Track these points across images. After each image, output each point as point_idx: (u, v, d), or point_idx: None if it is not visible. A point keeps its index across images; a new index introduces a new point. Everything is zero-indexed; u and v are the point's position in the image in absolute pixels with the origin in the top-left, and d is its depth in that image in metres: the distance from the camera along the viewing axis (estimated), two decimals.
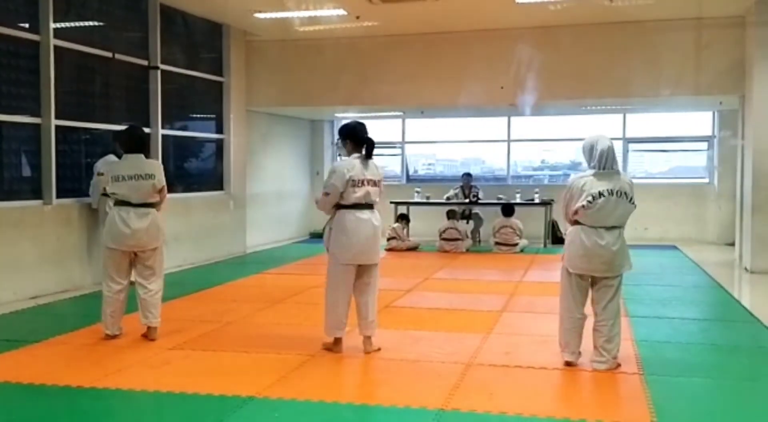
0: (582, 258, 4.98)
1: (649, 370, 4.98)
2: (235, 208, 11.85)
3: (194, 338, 5.92)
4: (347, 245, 5.33)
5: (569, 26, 11.21)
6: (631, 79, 11.21)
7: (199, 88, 11.29)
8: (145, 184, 5.77)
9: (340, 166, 5.36)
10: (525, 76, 11.25)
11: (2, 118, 7.67)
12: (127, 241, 5.72)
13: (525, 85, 11.31)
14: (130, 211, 5.73)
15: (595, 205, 4.91)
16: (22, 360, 5.30)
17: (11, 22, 7.79)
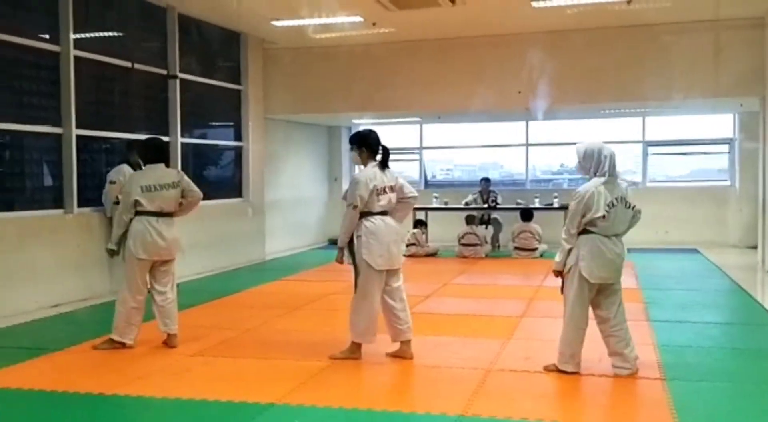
0: (603, 267, 4.93)
1: (670, 375, 4.93)
2: (254, 214, 11.90)
3: (214, 345, 5.94)
4: (379, 251, 5.34)
5: (585, 30, 11.17)
6: (648, 82, 11.15)
7: (217, 97, 11.36)
8: (173, 193, 5.84)
9: (362, 176, 5.38)
10: (540, 81, 11.22)
11: (24, 128, 7.76)
12: (160, 251, 5.78)
13: (540, 90, 11.28)
14: (160, 220, 5.77)
15: (611, 214, 4.89)
16: (44, 368, 5.34)
17: (32, 34, 7.88)
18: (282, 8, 9.80)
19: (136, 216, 5.74)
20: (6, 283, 7.23)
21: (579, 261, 4.94)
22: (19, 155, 7.91)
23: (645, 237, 13.15)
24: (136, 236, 5.72)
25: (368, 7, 9.70)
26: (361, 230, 5.39)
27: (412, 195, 5.61)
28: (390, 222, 5.44)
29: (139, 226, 5.72)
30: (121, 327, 5.78)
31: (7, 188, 7.70)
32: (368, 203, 5.35)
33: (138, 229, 5.72)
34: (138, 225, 5.72)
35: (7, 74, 7.68)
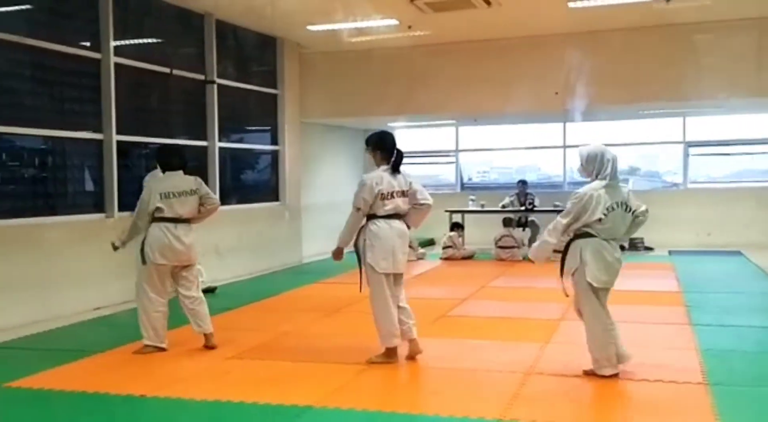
0: (605, 271, 4.89)
1: (713, 380, 4.83)
2: (291, 218, 11.96)
3: (252, 348, 5.98)
4: (383, 254, 5.33)
5: (623, 30, 11.03)
6: (688, 82, 10.97)
7: (253, 101, 11.45)
8: (191, 200, 5.92)
9: (371, 179, 5.35)
10: (578, 82, 11.10)
11: (66, 134, 7.91)
12: (180, 256, 5.83)
13: (578, 91, 11.15)
14: (178, 226, 5.83)
15: (609, 218, 4.85)
16: (86, 370, 5.43)
17: (73, 42, 8.03)
18: (317, 13, 9.84)
19: (155, 222, 5.79)
20: (49, 287, 7.37)
21: (583, 266, 4.87)
22: (61, 161, 8.06)
23: (686, 239, 12.96)
24: (154, 242, 5.76)
25: (403, 10, 9.70)
26: (366, 233, 5.37)
27: (426, 201, 5.50)
28: (397, 226, 5.40)
29: (157, 232, 5.77)
30: (151, 334, 5.85)
31: (50, 193, 7.85)
32: (373, 206, 5.33)
33: (156, 235, 5.77)
34: (156, 231, 5.78)
35: (49, 82, 7.83)
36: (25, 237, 7.22)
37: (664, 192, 14.41)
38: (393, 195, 5.36)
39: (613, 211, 4.87)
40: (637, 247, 12.79)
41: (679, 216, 13.20)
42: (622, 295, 8.29)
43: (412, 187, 5.47)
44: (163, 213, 5.79)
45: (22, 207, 7.46)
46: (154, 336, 5.85)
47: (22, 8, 7.70)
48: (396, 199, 5.38)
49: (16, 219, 7.24)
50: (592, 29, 11.03)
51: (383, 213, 5.35)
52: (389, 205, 5.35)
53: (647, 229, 12.11)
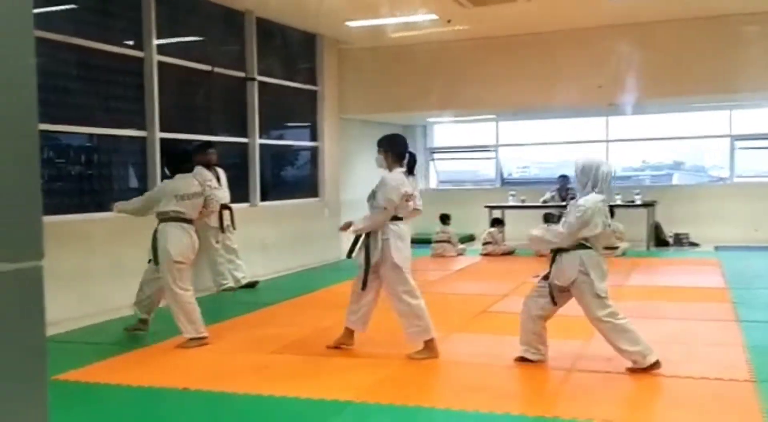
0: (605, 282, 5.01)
1: (760, 377, 4.73)
2: (330, 214, 12.01)
3: (292, 342, 6.02)
4: (407, 253, 5.52)
5: (667, 22, 10.82)
6: (737, 74, 10.71)
7: (293, 98, 11.52)
8: (200, 201, 6.17)
9: (395, 180, 5.43)
10: (622, 75, 10.92)
11: (111, 131, 8.05)
12: (191, 256, 6.11)
13: (622, 84, 10.97)
14: (191, 227, 6.08)
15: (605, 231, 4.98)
16: (130, 363, 5.53)
17: (118, 41, 8.16)
18: (356, 9, 9.86)
19: (173, 221, 5.97)
20: (95, 281, 7.51)
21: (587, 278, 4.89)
22: (106, 158, 8.20)
23: (733, 234, 12.69)
24: (177, 242, 5.94)
25: (443, 4, 9.65)
26: (388, 233, 5.44)
27: (420, 208, 5.71)
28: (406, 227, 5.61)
29: (179, 232, 5.97)
30: (189, 328, 5.97)
31: (96, 190, 7.99)
32: (397, 208, 5.43)
33: (178, 235, 5.95)
34: (178, 231, 5.97)
35: (94, 80, 7.97)
36: (72, 232, 7.36)
37: (709, 186, 14.13)
38: (410, 197, 5.52)
39: (608, 226, 5.04)
40: (682, 243, 12.59)
41: (725, 212, 12.94)
42: (667, 291, 8.20)
43: (414, 193, 5.61)
44: (184, 214, 6.00)
45: (69, 203, 7.61)
46: (193, 329, 5.96)
47: (67, 8, 7.84)
48: (410, 202, 5.55)
49: (63, 215, 7.39)
50: (636, 21, 10.84)
51: (404, 213, 5.50)
52: (410, 206, 5.51)
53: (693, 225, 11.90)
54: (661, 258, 11.42)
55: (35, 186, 1.24)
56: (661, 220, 12.80)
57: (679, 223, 12.79)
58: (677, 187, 14.24)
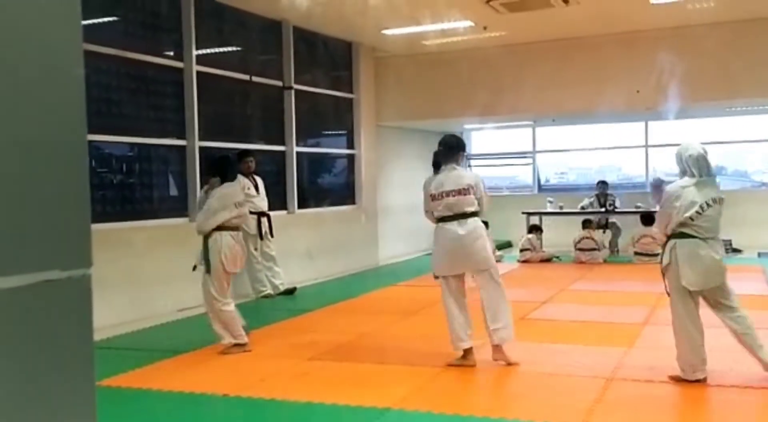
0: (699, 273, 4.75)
1: None
2: (367, 221, 12.04)
3: (331, 349, 6.04)
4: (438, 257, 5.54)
5: (710, 25, 10.64)
6: None
7: (330, 106, 11.58)
8: (245, 209, 6.23)
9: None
10: (664, 79, 10.77)
11: (152, 141, 8.19)
12: (242, 265, 6.26)
13: (664, 88, 10.81)
14: (239, 234, 6.15)
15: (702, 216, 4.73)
16: (172, 369, 5.59)
17: (158, 52, 8.30)
18: (392, 17, 9.88)
19: (226, 230, 5.97)
20: (137, 288, 7.63)
21: (675, 266, 4.72)
22: (147, 166, 8.34)
23: None
24: (228, 251, 5.97)
25: (479, 11, 9.64)
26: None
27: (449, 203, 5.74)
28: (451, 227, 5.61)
29: (231, 242, 6.00)
30: (226, 336, 6.03)
31: (137, 198, 8.13)
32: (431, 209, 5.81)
33: (229, 244, 5.98)
34: (230, 240, 5.99)
35: (135, 90, 8.12)
36: (115, 240, 7.49)
37: (752, 191, 13.86)
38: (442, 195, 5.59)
39: (709, 207, 4.73)
40: (725, 249, 12.33)
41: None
42: None
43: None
44: (235, 222, 6.06)
45: (112, 211, 7.75)
46: (231, 335, 6.02)
47: (109, 20, 8.00)
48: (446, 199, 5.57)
49: (106, 223, 7.53)
50: (679, 25, 10.68)
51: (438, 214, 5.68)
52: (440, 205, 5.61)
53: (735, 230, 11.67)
54: None
55: (84, 195, 1.27)
56: None
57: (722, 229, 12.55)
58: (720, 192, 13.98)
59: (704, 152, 4.84)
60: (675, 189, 4.79)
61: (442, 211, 5.48)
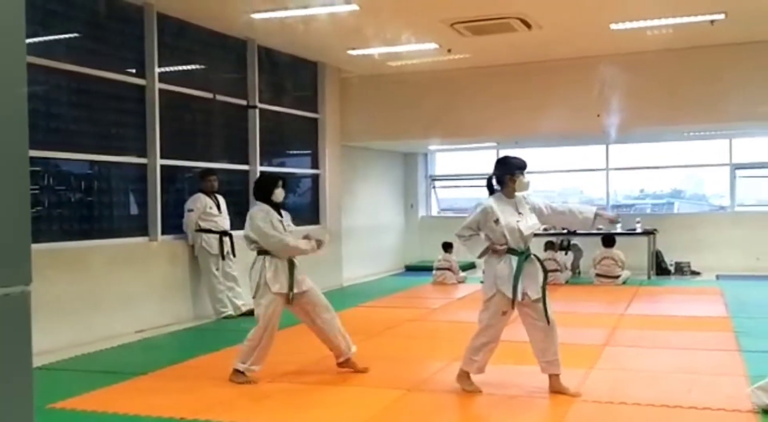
0: None
1: None
2: (331, 241, 11.98)
3: (292, 371, 5.97)
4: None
5: (666, 51, 10.88)
6: (732, 104, 10.76)
7: (294, 125, 11.55)
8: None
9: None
10: (620, 103, 10.97)
11: (111, 158, 8.07)
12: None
13: (620, 112, 11.01)
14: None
15: None
16: (127, 392, 5.46)
17: (120, 68, 8.21)
18: (358, 37, 9.92)
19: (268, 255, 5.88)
20: (93, 309, 7.47)
21: None
22: (106, 185, 8.21)
23: (734, 263, 12.65)
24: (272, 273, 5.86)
25: (443, 33, 9.73)
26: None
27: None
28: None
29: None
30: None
31: (96, 217, 7.98)
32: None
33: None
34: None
35: (95, 107, 8.00)
36: (71, 260, 7.35)
37: (710, 215, 14.12)
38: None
39: None
40: (683, 272, 12.54)
41: (727, 240, 12.92)
42: (668, 321, 8.14)
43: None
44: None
45: (69, 230, 7.60)
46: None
47: (70, 36, 7.91)
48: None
49: (62, 242, 7.38)
50: (635, 50, 10.91)
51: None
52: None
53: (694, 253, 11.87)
54: (662, 287, 11.36)
55: (25, 212, 1.23)
56: (662, 249, 12.76)
57: (680, 252, 12.76)
58: (678, 216, 14.24)
59: None
60: None
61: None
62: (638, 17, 9.24)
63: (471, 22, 9.22)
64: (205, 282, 8.76)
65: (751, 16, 9.22)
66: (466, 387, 5.23)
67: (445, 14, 9.02)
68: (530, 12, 8.95)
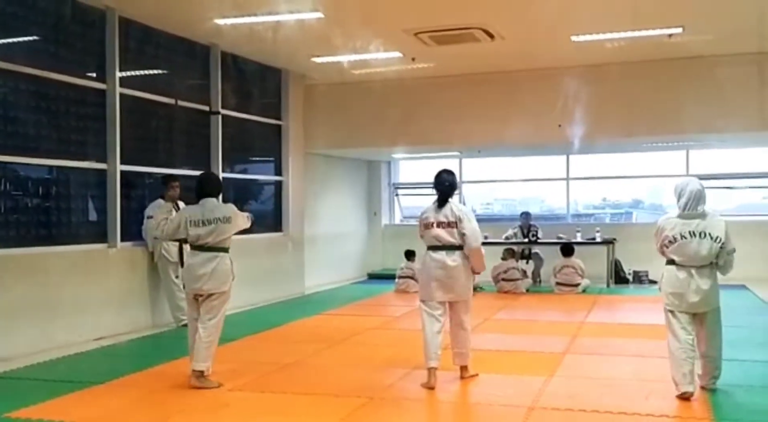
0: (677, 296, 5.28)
1: (719, 415, 4.78)
2: (294, 249, 11.95)
3: (253, 379, 5.93)
4: (422, 283, 5.79)
5: (626, 63, 11.10)
6: (690, 116, 11.02)
7: (258, 132, 11.50)
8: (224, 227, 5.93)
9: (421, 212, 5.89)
10: (580, 114, 11.15)
11: (70, 163, 7.94)
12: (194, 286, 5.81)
13: (579, 123, 11.21)
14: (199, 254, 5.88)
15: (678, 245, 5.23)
16: (85, 402, 5.37)
17: (80, 72, 8.10)
18: (322, 45, 9.93)
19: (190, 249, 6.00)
20: (51, 316, 7.34)
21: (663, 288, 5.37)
22: (64, 190, 8.07)
23: None
24: (184, 268, 5.99)
25: (407, 42, 9.78)
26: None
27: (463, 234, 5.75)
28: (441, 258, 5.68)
29: (188, 260, 6.02)
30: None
31: (53, 223, 7.84)
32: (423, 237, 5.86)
33: (186, 263, 6.02)
34: (188, 258, 6.03)
35: (54, 111, 7.87)
36: (28, 266, 7.21)
37: None
38: (433, 225, 5.73)
39: (685, 238, 5.22)
40: (641, 280, 12.75)
41: None
42: (626, 328, 8.27)
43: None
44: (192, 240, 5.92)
45: (26, 236, 7.46)
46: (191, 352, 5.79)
47: (29, 39, 7.78)
48: (436, 230, 5.69)
49: (19, 248, 7.24)
50: (595, 62, 11.11)
51: (427, 243, 5.77)
52: (430, 234, 5.72)
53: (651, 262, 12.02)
54: (620, 296, 11.53)
55: None
56: (621, 258, 12.96)
57: (639, 261, 12.95)
58: (636, 225, 14.47)
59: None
60: (665, 221, 5.43)
61: (432, 239, 5.73)
62: (598, 30, 9.41)
63: (434, 31, 9.30)
64: (164, 289, 8.66)
65: (708, 30, 9.44)
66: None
67: (409, 24, 9.08)
68: (493, 23, 9.06)
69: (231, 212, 6.03)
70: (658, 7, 8.46)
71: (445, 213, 5.75)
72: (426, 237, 5.77)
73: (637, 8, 8.40)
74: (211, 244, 5.88)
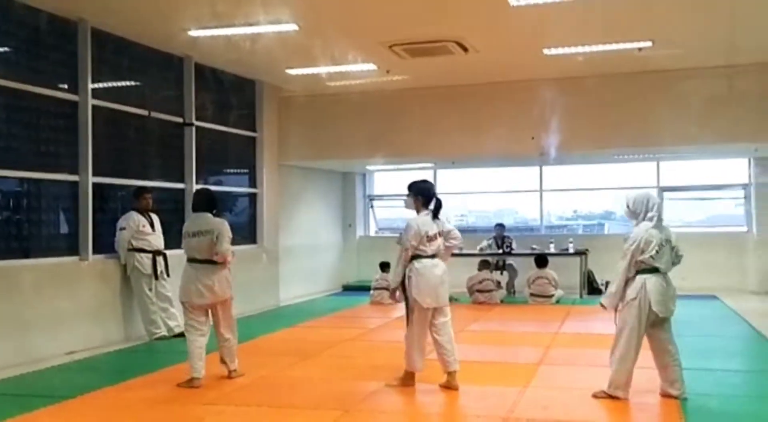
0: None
1: None
2: (268, 261, 11.90)
3: (227, 393, 5.89)
4: (427, 290, 5.81)
5: (597, 76, 11.24)
6: (660, 128, 11.17)
7: (232, 143, 11.46)
8: (200, 240, 6.20)
9: (416, 223, 5.85)
10: (553, 126, 11.27)
11: (41, 176, 7.85)
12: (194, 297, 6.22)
13: (552, 135, 11.32)
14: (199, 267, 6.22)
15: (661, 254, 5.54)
16: (58, 416, 5.30)
17: (51, 83, 8.03)
18: (297, 56, 9.94)
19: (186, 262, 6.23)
20: (22, 330, 7.24)
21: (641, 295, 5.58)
22: (36, 202, 7.97)
23: None
24: (182, 281, 6.21)
25: (382, 55, 9.83)
26: (411, 271, 5.82)
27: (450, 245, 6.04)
28: (439, 264, 5.90)
29: (184, 272, 6.23)
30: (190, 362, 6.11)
31: (24, 235, 7.75)
32: (419, 246, 5.80)
33: (184, 275, 6.22)
34: (184, 270, 6.23)
35: (25, 123, 7.79)
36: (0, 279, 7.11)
37: None
38: (436, 236, 5.88)
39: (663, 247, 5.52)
40: None
41: None
42: (601, 339, 8.32)
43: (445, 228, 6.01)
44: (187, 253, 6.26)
45: None
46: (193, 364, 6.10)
47: (0, 50, 7.70)
48: (437, 240, 5.88)
49: None
50: (567, 75, 11.23)
51: (428, 252, 5.85)
52: (433, 245, 5.86)
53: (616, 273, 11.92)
54: (593, 306, 11.57)
55: None
56: (593, 268, 13.07)
57: (611, 272, 13.00)
58: (608, 236, 14.60)
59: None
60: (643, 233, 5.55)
61: (434, 250, 5.89)
62: (569, 43, 9.53)
63: (409, 44, 9.36)
64: (137, 302, 8.58)
65: (677, 44, 9.60)
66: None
67: (384, 36, 9.13)
68: (466, 36, 9.13)
69: (214, 226, 6.27)
70: (628, 22, 8.60)
71: (437, 223, 5.94)
72: (424, 248, 5.84)
73: (607, 22, 8.54)
74: (205, 256, 6.20)
